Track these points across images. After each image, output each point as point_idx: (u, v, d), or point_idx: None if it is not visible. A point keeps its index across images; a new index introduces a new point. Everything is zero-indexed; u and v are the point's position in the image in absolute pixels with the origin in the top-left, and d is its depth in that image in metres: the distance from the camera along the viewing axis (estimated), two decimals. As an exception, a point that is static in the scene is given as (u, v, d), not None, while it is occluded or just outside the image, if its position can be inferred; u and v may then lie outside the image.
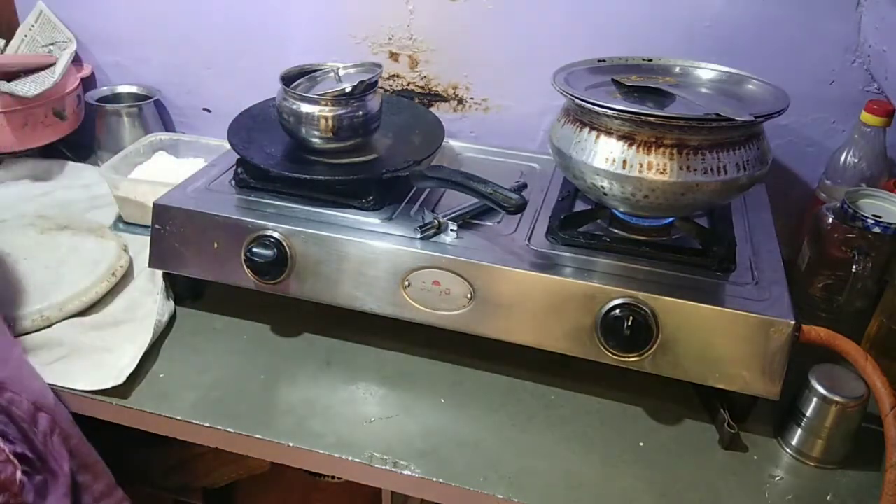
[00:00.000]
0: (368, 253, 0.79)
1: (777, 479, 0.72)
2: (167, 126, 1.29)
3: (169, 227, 0.85)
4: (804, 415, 0.73)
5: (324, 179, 0.86)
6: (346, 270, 0.80)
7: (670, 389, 0.80)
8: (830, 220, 0.88)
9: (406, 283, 0.79)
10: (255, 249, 0.80)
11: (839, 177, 0.95)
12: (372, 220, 0.84)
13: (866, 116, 0.91)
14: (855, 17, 0.93)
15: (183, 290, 0.91)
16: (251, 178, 0.89)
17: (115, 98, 1.24)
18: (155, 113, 1.23)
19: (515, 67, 1.09)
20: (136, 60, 1.25)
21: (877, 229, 0.83)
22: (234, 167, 0.91)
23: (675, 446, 0.75)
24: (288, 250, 0.81)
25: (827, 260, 0.88)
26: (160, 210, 0.85)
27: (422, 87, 1.14)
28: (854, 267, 0.83)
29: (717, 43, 0.98)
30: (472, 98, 1.14)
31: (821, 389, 0.71)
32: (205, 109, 1.27)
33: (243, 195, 0.88)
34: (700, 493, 0.70)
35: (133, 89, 1.25)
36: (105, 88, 1.25)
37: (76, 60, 1.23)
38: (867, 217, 0.83)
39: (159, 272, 0.92)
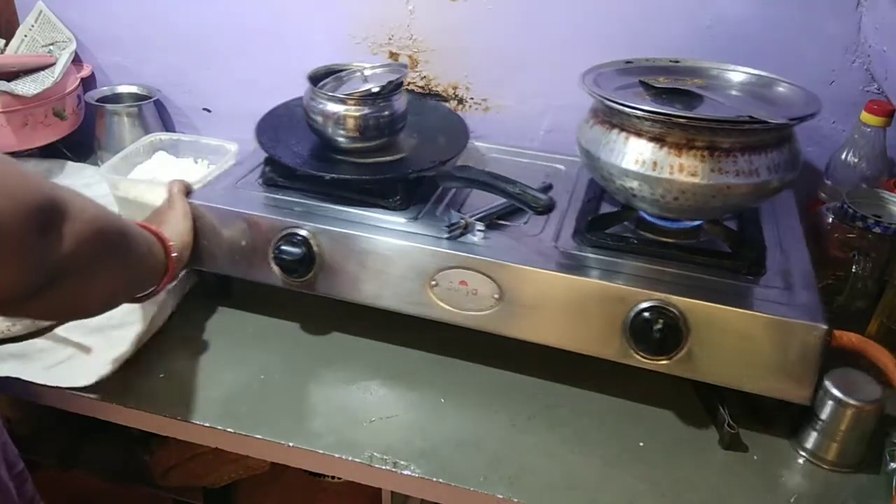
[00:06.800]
0: (395, 252, 0.79)
1: (781, 479, 0.72)
2: (167, 126, 1.28)
3: (199, 225, 0.85)
4: (819, 418, 0.72)
5: (350, 179, 0.87)
6: (373, 269, 0.80)
7: (670, 389, 0.80)
8: (831, 220, 0.88)
9: (433, 283, 0.78)
10: (283, 247, 0.80)
11: (839, 177, 0.95)
12: (398, 220, 0.84)
13: (866, 116, 0.91)
14: (855, 17, 0.93)
15: (213, 288, 0.92)
16: (279, 176, 0.89)
17: (115, 98, 1.24)
18: (155, 113, 1.23)
19: (515, 67, 1.09)
20: (136, 60, 1.25)
21: (877, 229, 0.83)
22: (262, 166, 0.92)
23: (675, 446, 0.75)
24: (316, 248, 0.81)
25: (827, 260, 0.88)
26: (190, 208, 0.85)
27: (422, 88, 1.14)
28: (854, 267, 0.83)
29: (717, 43, 0.98)
30: (472, 98, 1.14)
31: (836, 393, 0.70)
32: (205, 109, 1.27)
33: (271, 193, 0.89)
34: (700, 494, 0.70)
35: (133, 89, 1.25)
36: (105, 88, 1.25)
37: (76, 60, 1.23)
38: (867, 217, 0.83)
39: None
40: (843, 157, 0.95)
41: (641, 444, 0.75)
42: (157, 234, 0.74)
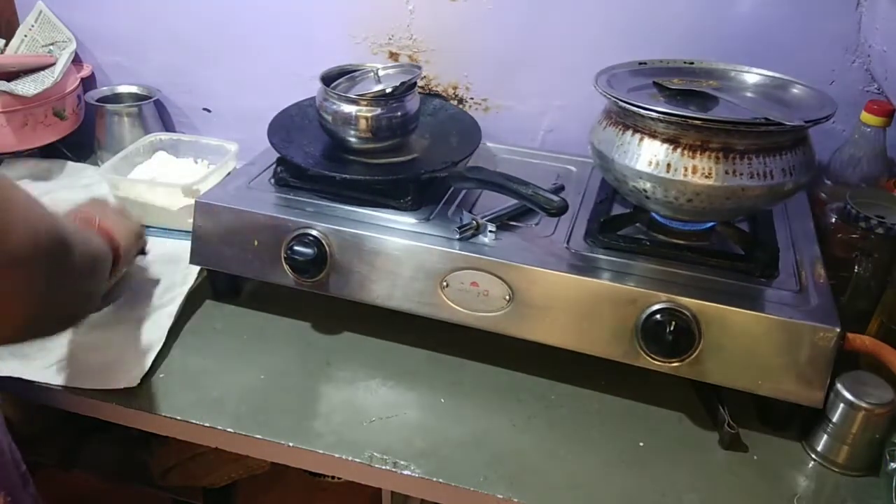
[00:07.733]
0: (406, 253, 0.79)
1: (782, 480, 0.72)
2: (167, 126, 1.29)
3: (210, 225, 0.85)
4: (831, 421, 0.72)
5: (362, 179, 0.87)
6: (384, 270, 0.80)
7: (670, 389, 0.80)
8: (834, 220, 0.88)
9: (444, 284, 0.78)
10: (295, 248, 0.80)
11: (839, 177, 0.95)
12: (409, 220, 0.84)
13: (866, 116, 0.91)
14: (855, 17, 0.93)
15: (223, 287, 0.92)
16: (291, 177, 0.90)
17: (115, 98, 1.24)
18: (155, 113, 1.23)
19: (515, 67, 1.09)
20: (136, 60, 1.25)
21: (880, 230, 0.82)
22: (275, 166, 0.92)
23: (675, 446, 0.75)
24: (327, 249, 0.81)
25: (830, 260, 0.88)
26: (202, 207, 0.86)
27: (422, 88, 1.14)
28: (857, 267, 0.82)
29: (718, 43, 0.98)
30: (472, 98, 1.14)
31: (848, 395, 0.70)
32: (205, 109, 1.27)
33: (283, 194, 0.89)
34: (700, 494, 0.70)
35: (133, 89, 1.25)
36: (105, 88, 1.25)
37: (76, 60, 1.23)
38: (870, 218, 0.83)
39: (160, 272, 0.92)
40: (843, 157, 0.94)
41: (641, 444, 0.75)
42: (112, 242, 0.74)
